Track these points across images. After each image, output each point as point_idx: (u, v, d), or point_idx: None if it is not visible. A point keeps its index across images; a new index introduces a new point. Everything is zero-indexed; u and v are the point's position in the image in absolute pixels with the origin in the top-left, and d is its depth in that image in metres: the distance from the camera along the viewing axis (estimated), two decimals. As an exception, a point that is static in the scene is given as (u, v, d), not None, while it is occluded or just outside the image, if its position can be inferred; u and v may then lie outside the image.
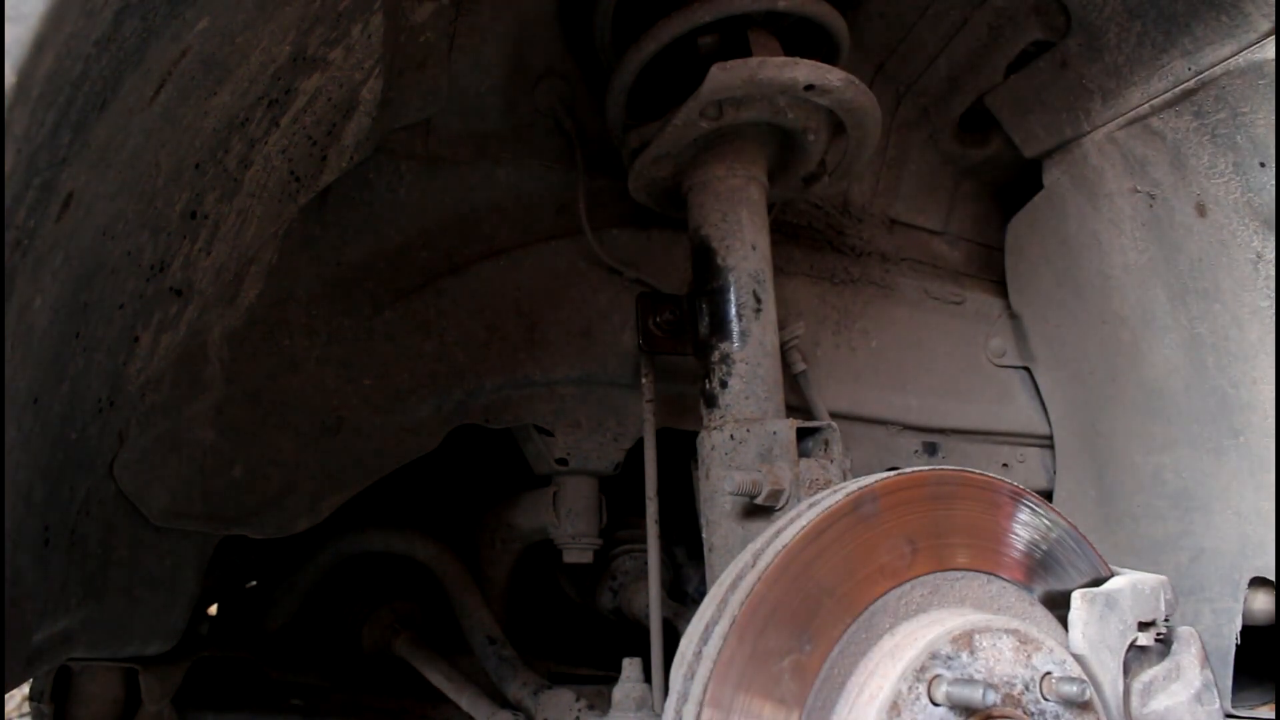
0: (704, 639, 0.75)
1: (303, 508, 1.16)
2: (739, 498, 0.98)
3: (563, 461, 1.33)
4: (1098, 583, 0.85)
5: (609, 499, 1.43)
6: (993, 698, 0.69)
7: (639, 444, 1.24)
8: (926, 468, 0.85)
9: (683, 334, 1.17)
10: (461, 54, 1.27)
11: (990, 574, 0.84)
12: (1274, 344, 1.27)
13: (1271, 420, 1.30)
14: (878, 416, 1.55)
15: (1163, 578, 0.86)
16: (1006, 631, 0.75)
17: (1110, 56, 1.29)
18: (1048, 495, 1.61)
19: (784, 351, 1.32)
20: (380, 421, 1.21)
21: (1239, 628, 1.34)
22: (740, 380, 1.10)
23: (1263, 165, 1.20)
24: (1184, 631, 0.86)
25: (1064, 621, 0.83)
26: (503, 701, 1.26)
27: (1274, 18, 1.09)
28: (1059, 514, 0.88)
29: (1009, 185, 1.68)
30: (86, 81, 0.56)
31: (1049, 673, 0.75)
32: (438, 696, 1.42)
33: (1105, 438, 1.54)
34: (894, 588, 0.79)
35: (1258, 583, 1.35)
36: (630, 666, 1.05)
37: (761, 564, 0.78)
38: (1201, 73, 1.19)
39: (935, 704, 0.72)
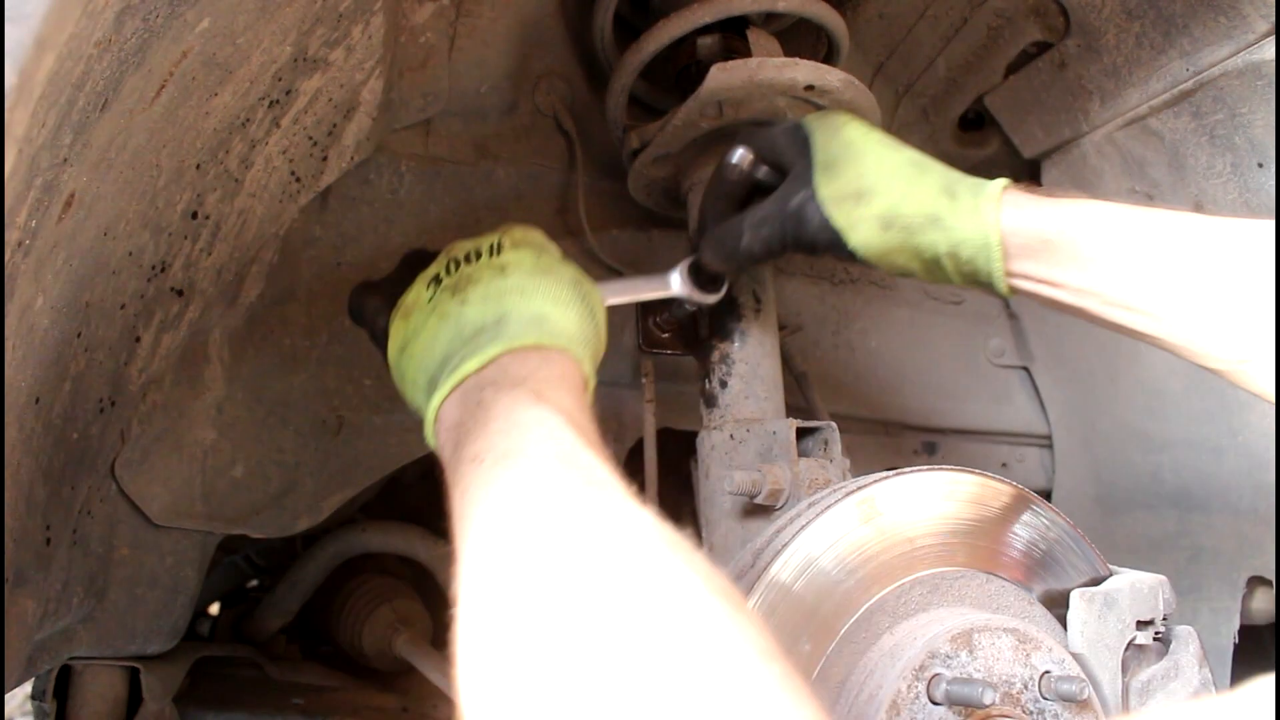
0: (703, 638, 0.75)
1: (303, 507, 1.17)
2: (739, 497, 0.98)
3: (563, 461, 1.33)
4: (1096, 582, 0.86)
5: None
6: (992, 696, 0.69)
7: (639, 444, 1.24)
8: (925, 467, 0.85)
9: (683, 334, 1.17)
10: (462, 54, 1.27)
11: (989, 573, 0.84)
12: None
13: (1271, 419, 1.31)
14: (877, 416, 1.56)
15: (1161, 577, 0.86)
16: (1005, 630, 0.76)
17: (1109, 57, 1.29)
18: (1047, 495, 1.61)
19: (784, 351, 1.33)
20: (381, 421, 1.21)
21: (1237, 627, 1.34)
22: (740, 380, 1.10)
23: (1261, 166, 1.20)
24: (1182, 631, 0.86)
25: (1063, 620, 0.84)
26: (503, 701, 1.26)
27: (1272, 18, 1.09)
28: (1058, 513, 0.88)
29: (1009, 186, 1.68)
30: (88, 82, 0.56)
31: (1048, 671, 0.76)
32: (438, 696, 1.42)
33: (1104, 437, 1.54)
34: (892, 586, 0.79)
35: (1256, 582, 1.35)
36: (630, 666, 1.05)
37: (760, 564, 0.78)
38: (1200, 73, 1.19)
39: (935, 703, 0.72)
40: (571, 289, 0.77)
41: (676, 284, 1.03)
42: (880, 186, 0.82)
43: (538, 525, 0.49)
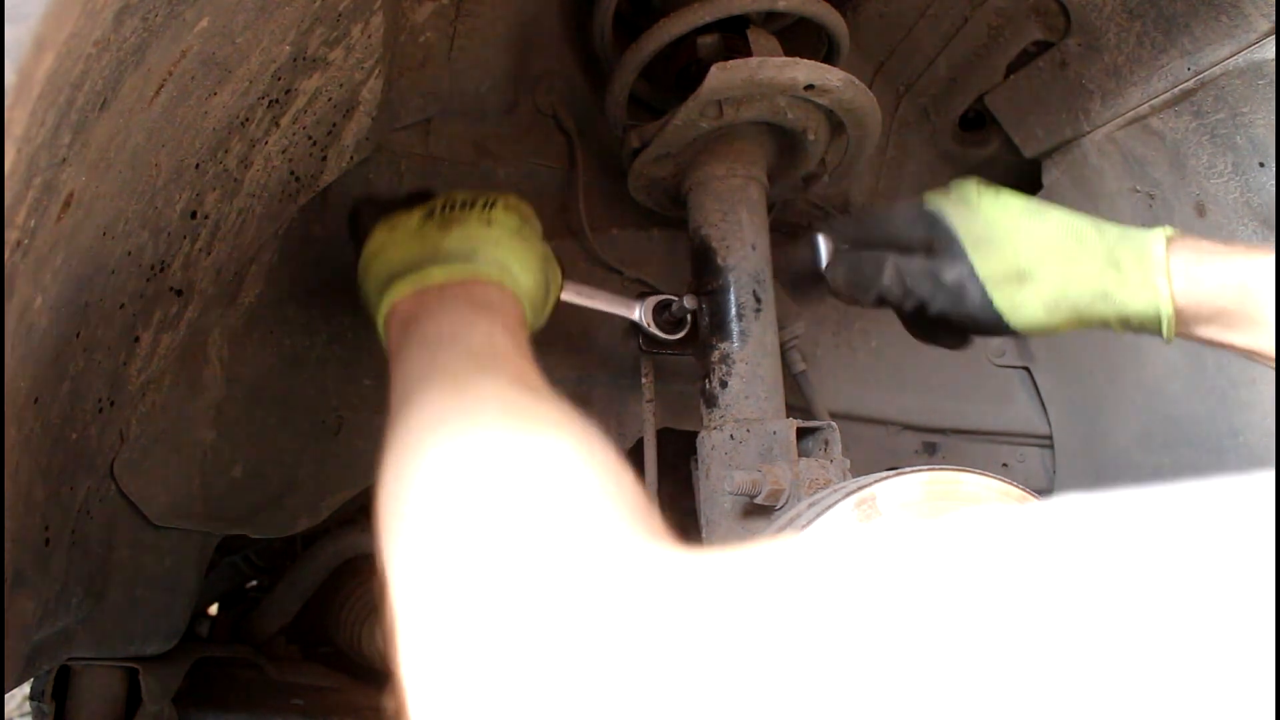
0: (704, 638, 0.75)
1: (303, 507, 1.17)
2: (739, 497, 0.98)
3: (563, 461, 1.33)
4: (1097, 582, 0.85)
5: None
6: (992, 697, 0.69)
7: (639, 444, 1.24)
8: (925, 467, 0.85)
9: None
10: (462, 54, 1.27)
11: (990, 573, 0.84)
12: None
13: (1271, 419, 1.31)
14: (877, 416, 1.55)
15: (1162, 577, 0.86)
16: (1006, 631, 0.75)
17: (1110, 56, 1.29)
18: (1048, 495, 1.61)
19: (784, 351, 1.32)
20: (381, 421, 1.20)
21: (1239, 628, 1.34)
22: (740, 380, 1.10)
23: (1262, 165, 1.20)
24: (1184, 631, 0.86)
25: (1063, 621, 0.83)
26: (503, 701, 1.26)
27: (1273, 18, 1.09)
28: (1058, 513, 0.88)
29: (1009, 185, 1.67)
30: (86, 82, 0.56)
31: (1048, 672, 0.75)
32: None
33: (1105, 438, 1.54)
34: (894, 587, 0.79)
35: (1257, 582, 1.34)
36: (630, 666, 1.04)
37: (761, 563, 0.78)
38: (1201, 73, 1.19)
39: (935, 703, 0.72)
40: (539, 260, 0.88)
41: (638, 313, 1.08)
42: (1040, 267, 0.80)
43: (459, 399, 0.60)
